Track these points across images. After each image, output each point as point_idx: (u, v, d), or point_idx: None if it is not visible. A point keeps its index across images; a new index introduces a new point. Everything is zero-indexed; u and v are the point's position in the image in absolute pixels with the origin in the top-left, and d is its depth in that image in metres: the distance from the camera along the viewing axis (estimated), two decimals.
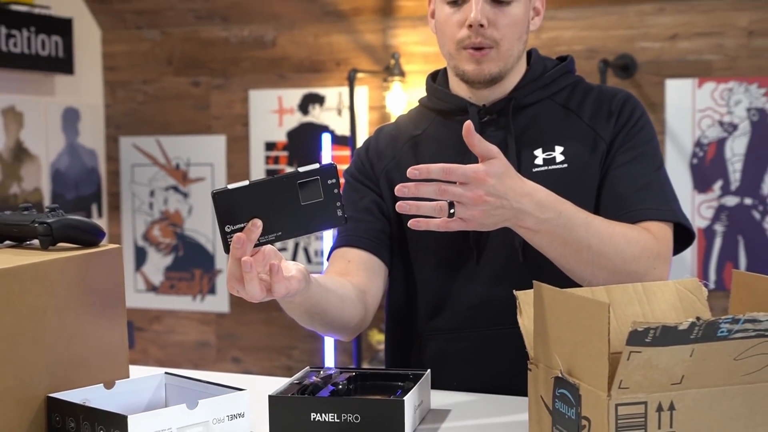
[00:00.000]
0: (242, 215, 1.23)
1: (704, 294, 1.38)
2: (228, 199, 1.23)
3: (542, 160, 1.65)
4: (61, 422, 1.31)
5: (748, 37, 3.75)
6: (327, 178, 1.25)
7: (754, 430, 1.15)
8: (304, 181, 1.24)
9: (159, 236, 4.69)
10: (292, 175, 1.24)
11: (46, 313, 1.33)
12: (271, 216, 1.24)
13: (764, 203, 3.74)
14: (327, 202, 1.25)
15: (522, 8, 1.62)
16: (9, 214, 1.47)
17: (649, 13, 3.86)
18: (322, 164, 1.25)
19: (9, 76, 4.08)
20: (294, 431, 1.31)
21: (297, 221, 1.25)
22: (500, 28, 1.60)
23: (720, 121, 3.79)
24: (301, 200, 1.24)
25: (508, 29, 1.61)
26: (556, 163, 1.65)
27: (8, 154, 4.15)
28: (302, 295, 1.37)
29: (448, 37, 1.64)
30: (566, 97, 1.71)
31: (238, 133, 4.53)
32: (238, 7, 4.40)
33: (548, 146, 1.66)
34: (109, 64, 4.74)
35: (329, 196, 1.25)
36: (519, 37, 1.64)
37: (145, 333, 4.73)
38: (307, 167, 1.24)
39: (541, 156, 1.66)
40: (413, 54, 4.18)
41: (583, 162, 1.64)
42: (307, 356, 4.43)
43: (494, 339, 1.63)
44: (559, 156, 1.65)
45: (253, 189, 1.23)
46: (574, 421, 1.17)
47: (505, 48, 1.62)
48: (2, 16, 3.89)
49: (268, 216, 1.24)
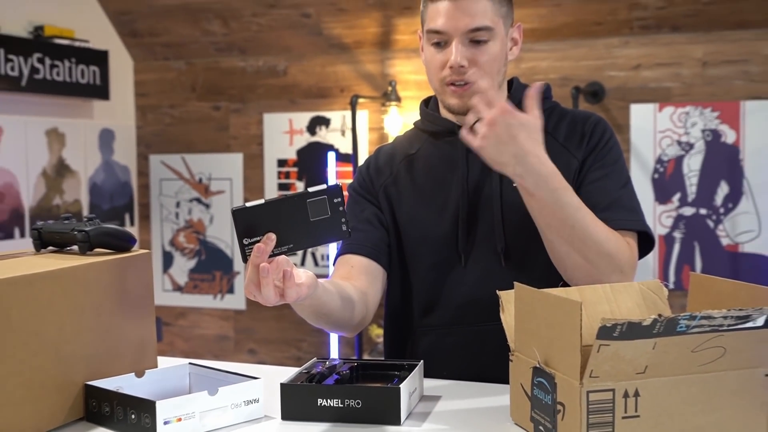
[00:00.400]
0: (259, 230, 1.23)
1: (665, 294, 1.38)
2: (246, 216, 1.23)
3: None
4: (97, 407, 1.31)
5: (703, 67, 3.76)
6: (333, 197, 1.25)
7: (709, 414, 1.15)
8: (313, 199, 1.24)
9: (184, 242, 4.69)
10: (303, 195, 1.24)
11: (85, 310, 1.33)
12: (283, 230, 1.24)
13: (717, 213, 3.75)
14: (333, 218, 1.25)
15: (498, 45, 1.60)
16: (52, 223, 1.47)
17: (616, 45, 3.87)
18: (329, 185, 1.25)
19: (52, 101, 4.09)
20: (303, 415, 1.31)
21: (306, 235, 1.25)
22: (480, 65, 1.59)
23: (678, 140, 3.79)
24: (310, 216, 1.24)
25: (487, 65, 1.59)
26: None
27: (52, 170, 4.15)
28: (311, 299, 1.37)
29: (433, 74, 1.64)
30: (544, 121, 1.70)
31: (254, 152, 4.54)
32: (254, 40, 4.41)
33: None
34: (140, 91, 4.75)
35: (335, 213, 1.25)
36: (498, 70, 1.63)
37: (171, 328, 4.72)
38: (315, 188, 1.24)
39: None
40: (408, 82, 4.18)
41: None
42: (314, 348, 4.42)
43: (480, 334, 1.63)
44: None
45: (268, 206, 1.23)
46: (551, 406, 1.17)
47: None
48: (47, 49, 3.89)
49: (281, 230, 1.23)
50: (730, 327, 1.10)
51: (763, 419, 1.18)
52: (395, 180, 1.73)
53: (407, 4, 3.99)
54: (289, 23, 4.27)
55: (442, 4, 1.57)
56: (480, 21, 1.57)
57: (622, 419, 1.12)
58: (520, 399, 1.26)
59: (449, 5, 1.57)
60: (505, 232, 1.62)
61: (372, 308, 1.67)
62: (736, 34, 3.69)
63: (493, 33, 1.58)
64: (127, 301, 1.42)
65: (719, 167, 3.74)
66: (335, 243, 1.44)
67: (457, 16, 1.56)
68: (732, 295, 1.24)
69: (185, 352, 4.63)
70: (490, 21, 1.58)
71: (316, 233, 1.25)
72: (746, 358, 1.15)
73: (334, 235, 1.27)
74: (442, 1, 1.57)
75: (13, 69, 3.73)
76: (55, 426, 1.29)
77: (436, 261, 1.68)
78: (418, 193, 1.70)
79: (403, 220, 1.71)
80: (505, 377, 1.32)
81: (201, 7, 4.32)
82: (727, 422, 1.16)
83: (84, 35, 4.19)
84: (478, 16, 1.56)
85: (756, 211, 3.69)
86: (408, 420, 1.32)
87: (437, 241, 1.67)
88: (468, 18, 1.56)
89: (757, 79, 3.68)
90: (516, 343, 1.28)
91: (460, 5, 1.56)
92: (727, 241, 3.73)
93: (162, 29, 4.51)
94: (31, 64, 3.82)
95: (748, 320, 1.10)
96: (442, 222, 1.67)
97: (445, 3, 1.57)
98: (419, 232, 1.69)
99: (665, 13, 3.71)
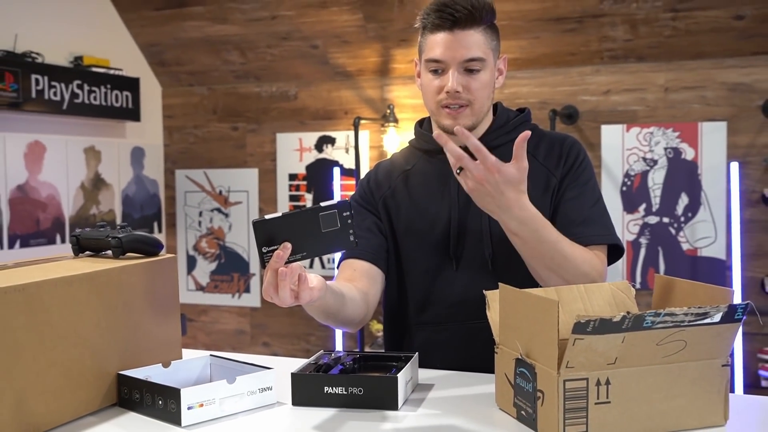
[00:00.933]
0: (276, 239, 1.23)
1: (632, 293, 1.38)
2: (265, 227, 1.23)
3: None
4: (128, 394, 1.31)
5: (665, 92, 3.76)
6: (342, 211, 1.25)
7: (672, 400, 1.15)
8: (324, 213, 1.24)
9: (206, 247, 4.68)
10: (316, 209, 1.24)
11: (117, 308, 1.33)
12: (298, 240, 1.24)
13: (678, 221, 3.75)
14: (342, 230, 1.25)
15: (488, 74, 1.61)
16: (89, 231, 1.47)
17: (588, 74, 3.88)
18: (340, 201, 1.25)
19: (90, 122, 4.09)
20: (311, 401, 1.31)
21: (318, 244, 1.25)
22: (472, 91, 1.59)
23: (643, 157, 3.80)
24: (321, 228, 1.24)
25: (478, 92, 1.60)
26: None
27: (89, 183, 4.15)
28: (320, 300, 1.37)
29: (429, 98, 1.64)
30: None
31: (268, 167, 4.54)
32: (268, 68, 4.41)
33: None
34: (167, 113, 4.75)
35: (344, 225, 1.25)
36: (488, 96, 1.63)
37: (194, 323, 4.71)
38: (327, 203, 1.25)
39: None
40: (404, 105, 4.19)
41: (538, 194, 1.62)
42: (321, 341, 4.42)
43: (469, 330, 1.63)
44: None
45: (284, 219, 1.23)
46: (532, 393, 1.17)
47: (477, 106, 1.61)
48: (85, 76, 3.90)
49: (296, 240, 1.23)
50: (690, 323, 1.10)
51: (720, 404, 1.18)
52: (393, 193, 1.73)
53: (403, 36, 4.00)
54: (299, 54, 4.28)
55: (441, 36, 1.57)
56: (474, 53, 1.57)
57: (594, 405, 1.11)
58: (505, 387, 1.26)
59: (447, 37, 1.57)
60: (492, 240, 1.62)
61: (372, 307, 1.66)
62: (694, 64, 3.70)
63: (484, 63, 1.59)
64: (155, 300, 1.42)
65: (680, 181, 3.74)
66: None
67: (454, 47, 1.57)
68: (692, 294, 1.24)
69: (207, 345, 4.62)
70: (483, 53, 1.58)
71: (326, 243, 1.26)
72: (705, 350, 1.15)
73: (342, 245, 1.27)
74: (441, 34, 1.58)
75: (56, 94, 3.73)
76: (92, 410, 1.29)
77: (430, 265, 1.67)
78: (413, 204, 1.70)
79: (401, 228, 1.71)
80: (491, 368, 1.32)
81: (221, 40, 4.33)
82: (688, 407, 1.16)
83: (118, 64, 4.19)
84: (472, 48, 1.57)
85: (712, 219, 3.69)
86: (405, 405, 1.31)
87: (431, 248, 1.67)
88: (464, 49, 1.56)
89: (712, 103, 3.69)
90: (501, 337, 1.28)
91: (457, 38, 1.56)
92: (687, 246, 3.73)
93: (187, 59, 4.51)
94: (72, 89, 3.82)
95: (706, 317, 1.10)
96: (435, 231, 1.66)
97: (444, 35, 1.57)
98: (415, 240, 1.69)
99: (631, 45, 3.72)
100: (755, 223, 3.64)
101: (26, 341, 1.16)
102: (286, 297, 1.25)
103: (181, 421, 1.21)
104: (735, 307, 1.10)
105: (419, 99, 1.72)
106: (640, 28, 3.63)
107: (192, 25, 4.29)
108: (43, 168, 3.86)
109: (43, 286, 1.19)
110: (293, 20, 4.10)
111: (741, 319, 1.11)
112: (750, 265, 3.64)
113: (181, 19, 4.28)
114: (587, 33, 3.72)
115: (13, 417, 1.14)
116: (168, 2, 4.22)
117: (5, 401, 1.13)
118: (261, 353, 4.48)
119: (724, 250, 3.66)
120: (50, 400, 1.20)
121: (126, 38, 4.43)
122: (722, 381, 1.17)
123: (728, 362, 1.17)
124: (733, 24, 3.50)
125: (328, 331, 4.35)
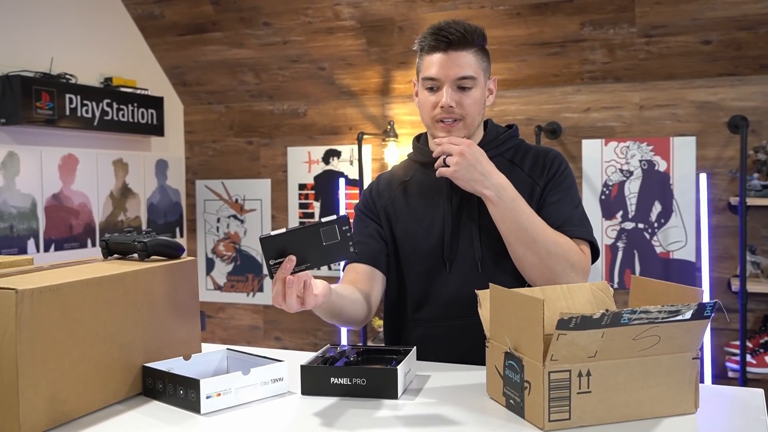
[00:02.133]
0: (282, 252, 1.23)
1: (611, 292, 1.38)
2: (271, 242, 1.22)
3: None
4: (152, 384, 1.30)
5: (640, 109, 3.76)
6: (342, 225, 1.24)
7: (648, 389, 1.15)
8: (325, 228, 1.23)
9: (223, 250, 4.68)
10: (317, 224, 1.23)
11: (143, 306, 1.33)
12: (301, 252, 1.23)
13: (652, 227, 3.74)
14: (342, 242, 1.25)
15: (480, 91, 1.62)
16: (117, 236, 1.47)
17: (570, 93, 3.88)
18: (339, 216, 1.24)
19: (118, 137, 4.09)
20: (318, 391, 1.30)
21: (320, 256, 1.25)
22: (465, 107, 1.60)
23: (620, 169, 3.79)
24: (323, 241, 1.24)
25: (470, 107, 1.60)
26: None
27: (117, 192, 4.15)
28: (325, 303, 1.37)
29: (426, 113, 1.64)
30: (512, 154, 1.70)
31: (279, 178, 4.54)
32: (280, 89, 4.42)
33: None
34: (188, 129, 4.76)
35: (343, 238, 1.24)
36: (479, 112, 1.63)
37: (213, 319, 4.71)
38: (327, 218, 1.24)
39: None
40: (403, 121, 4.19)
41: (525, 200, 1.63)
42: (328, 336, 4.41)
43: (462, 326, 1.62)
44: None
45: (289, 234, 1.23)
46: (519, 383, 1.16)
47: (469, 120, 1.62)
48: (114, 95, 3.91)
49: (300, 252, 1.23)
50: (664, 319, 1.09)
51: (691, 394, 1.18)
52: (393, 202, 1.73)
53: (402, 59, 4.01)
54: (308, 75, 4.28)
55: (437, 57, 1.58)
56: (466, 71, 1.57)
57: (577, 394, 1.11)
58: (495, 378, 1.25)
59: (442, 57, 1.58)
60: (481, 245, 1.62)
61: (374, 306, 1.66)
62: (666, 84, 3.70)
63: (475, 81, 1.59)
64: (176, 299, 1.42)
65: (653, 190, 3.74)
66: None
67: (449, 66, 1.57)
68: (665, 294, 1.24)
69: (224, 340, 4.61)
70: (474, 72, 1.59)
71: (328, 254, 1.25)
72: (677, 344, 1.14)
73: (342, 255, 1.26)
74: (436, 54, 1.59)
75: (87, 112, 3.73)
76: (119, 399, 1.28)
77: (426, 268, 1.67)
78: (411, 212, 1.70)
79: (400, 234, 1.71)
80: (482, 360, 1.32)
81: (237, 62, 4.33)
82: (662, 396, 1.15)
83: (144, 84, 4.20)
84: (465, 67, 1.57)
85: (683, 225, 3.69)
86: (404, 395, 1.31)
87: (427, 252, 1.66)
88: (457, 68, 1.57)
89: (682, 119, 3.69)
90: (491, 332, 1.27)
91: (451, 57, 1.57)
92: (660, 249, 3.72)
93: (206, 80, 4.52)
94: (102, 107, 3.82)
95: (678, 314, 1.09)
96: (430, 237, 1.66)
97: (439, 55, 1.58)
98: (412, 245, 1.68)
99: (609, 67, 3.72)
100: (722, 228, 3.63)
101: (60, 336, 1.16)
102: (293, 304, 1.25)
103: (200, 409, 1.21)
104: (704, 305, 1.10)
105: (417, 116, 1.73)
106: (617, 51, 3.63)
107: (211, 49, 4.30)
108: (76, 178, 3.86)
109: (76, 287, 1.19)
110: (303, 45, 4.11)
111: (710, 316, 1.11)
112: (717, 267, 3.64)
113: (201, 44, 4.29)
114: (569, 56, 3.72)
115: (48, 405, 1.14)
116: (189, 28, 4.23)
117: (41, 391, 1.12)
118: (273, 347, 4.47)
119: (693, 253, 3.65)
120: (81, 390, 1.20)
121: (151, 61, 4.44)
122: (693, 372, 1.17)
123: (698, 355, 1.17)
124: (701, 48, 3.51)
125: (334, 327, 4.35)
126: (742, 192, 3.32)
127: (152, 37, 4.33)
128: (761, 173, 3.45)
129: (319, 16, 3.92)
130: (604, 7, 3.47)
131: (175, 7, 4.13)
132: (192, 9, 4.11)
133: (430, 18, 3.72)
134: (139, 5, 4.18)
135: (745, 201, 3.33)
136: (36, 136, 3.60)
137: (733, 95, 3.59)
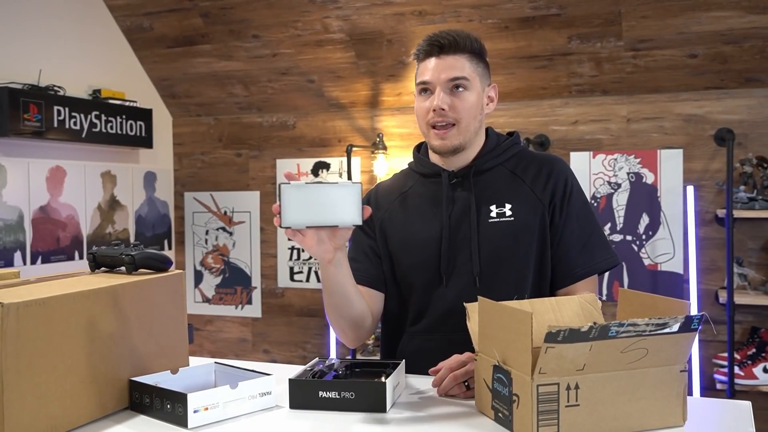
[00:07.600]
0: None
1: (599, 305, 1.38)
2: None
3: (495, 214, 1.62)
4: (139, 398, 1.29)
5: (627, 122, 3.79)
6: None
7: (635, 402, 1.15)
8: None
9: (211, 263, 4.66)
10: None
11: (130, 319, 1.32)
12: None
13: (640, 239, 3.76)
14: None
15: (475, 95, 1.61)
16: (104, 248, 1.46)
17: (558, 106, 3.91)
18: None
19: (107, 149, 4.08)
20: (307, 404, 1.30)
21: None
22: (458, 110, 1.59)
23: (608, 181, 3.82)
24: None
25: (464, 111, 1.59)
26: (505, 217, 1.62)
27: (105, 204, 4.13)
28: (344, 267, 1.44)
29: (421, 120, 1.64)
30: (514, 164, 1.67)
31: (268, 190, 4.53)
32: (269, 101, 4.42)
33: (500, 203, 1.63)
34: (177, 141, 4.75)
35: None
36: (474, 117, 1.62)
37: (201, 332, 4.68)
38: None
39: (495, 210, 1.63)
40: (392, 134, 4.20)
41: (526, 216, 1.62)
42: (317, 349, 4.39)
43: (454, 340, 1.60)
44: (508, 211, 1.62)
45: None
46: (508, 397, 1.16)
47: (464, 125, 1.60)
48: (103, 107, 3.90)
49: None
50: (651, 332, 1.10)
51: (679, 406, 1.18)
52: (390, 215, 1.72)
53: (391, 72, 4.02)
54: (297, 87, 4.29)
55: (430, 62, 1.60)
56: (458, 73, 1.58)
57: (565, 407, 1.11)
58: (483, 391, 1.25)
59: (435, 61, 1.59)
60: (480, 259, 1.61)
61: (375, 320, 1.67)
62: (653, 97, 3.73)
63: (469, 84, 1.59)
64: (164, 312, 1.41)
65: (641, 202, 3.76)
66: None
67: (441, 68, 1.58)
68: (652, 306, 1.24)
69: (212, 352, 4.58)
70: (467, 74, 1.59)
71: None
72: (664, 357, 1.15)
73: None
74: (429, 60, 1.60)
75: (76, 123, 3.72)
76: (106, 413, 1.27)
77: (423, 282, 1.66)
78: (408, 224, 1.69)
79: (395, 248, 1.69)
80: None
81: (226, 75, 4.34)
82: (649, 409, 1.16)
83: (132, 96, 4.19)
84: (456, 69, 1.58)
85: (671, 237, 3.71)
86: (392, 408, 1.31)
87: (423, 265, 1.65)
88: (449, 70, 1.58)
89: (669, 132, 3.72)
90: (480, 345, 1.27)
91: (443, 60, 1.59)
92: (648, 261, 3.74)
93: (195, 92, 4.52)
94: (90, 119, 3.81)
95: (666, 327, 1.10)
96: (427, 249, 1.65)
97: (432, 60, 1.60)
98: (409, 259, 1.67)
99: (596, 80, 3.75)
100: (709, 240, 3.66)
101: (46, 350, 1.15)
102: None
103: (187, 424, 1.20)
104: (691, 317, 1.10)
105: (406, 128, 1.73)
106: (605, 65, 3.66)
107: (200, 61, 4.30)
108: (64, 191, 3.84)
109: (62, 300, 1.18)
110: (292, 57, 4.11)
111: (697, 329, 1.12)
112: (704, 279, 3.66)
113: (190, 56, 4.29)
114: (557, 70, 3.75)
115: (33, 419, 1.13)
116: (178, 41, 4.23)
117: (26, 404, 1.11)
118: (261, 360, 4.45)
119: (681, 265, 3.67)
120: (68, 403, 1.19)
121: (140, 73, 4.44)
122: (681, 385, 1.17)
123: (686, 368, 1.18)
124: (687, 62, 3.54)
125: (323, 339, 4.33)
126: (729, 204, 3.34)
127: (141, 49, 4.33)
128: (747, 185, 3.48)
129: (308, 28, 3.93)
130: (591, 21, 3.50)
131: (164, 20, 4.14)
132: (181, 21, 4.11)
133: (419, 31, 3.74)
134: (128, 17, 4.18)
135: (732, 213, 3.36)
136: (23, 148, 3.58)
137: (719, 108, 3.62)
